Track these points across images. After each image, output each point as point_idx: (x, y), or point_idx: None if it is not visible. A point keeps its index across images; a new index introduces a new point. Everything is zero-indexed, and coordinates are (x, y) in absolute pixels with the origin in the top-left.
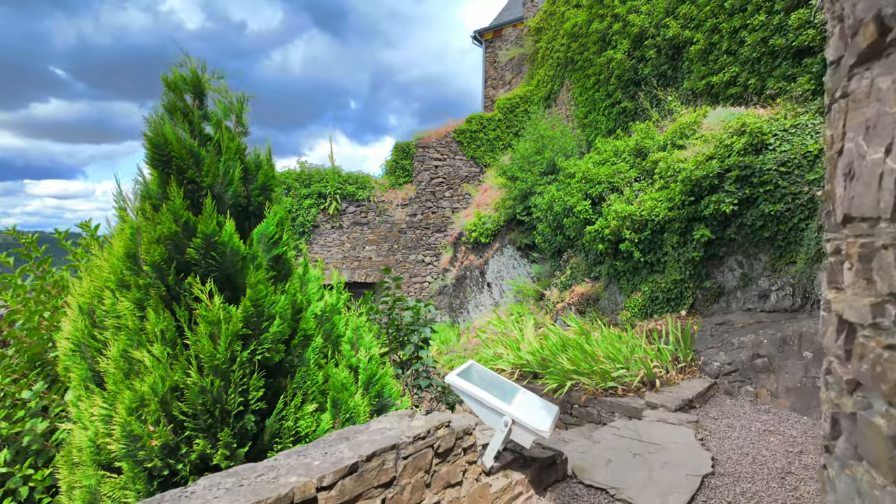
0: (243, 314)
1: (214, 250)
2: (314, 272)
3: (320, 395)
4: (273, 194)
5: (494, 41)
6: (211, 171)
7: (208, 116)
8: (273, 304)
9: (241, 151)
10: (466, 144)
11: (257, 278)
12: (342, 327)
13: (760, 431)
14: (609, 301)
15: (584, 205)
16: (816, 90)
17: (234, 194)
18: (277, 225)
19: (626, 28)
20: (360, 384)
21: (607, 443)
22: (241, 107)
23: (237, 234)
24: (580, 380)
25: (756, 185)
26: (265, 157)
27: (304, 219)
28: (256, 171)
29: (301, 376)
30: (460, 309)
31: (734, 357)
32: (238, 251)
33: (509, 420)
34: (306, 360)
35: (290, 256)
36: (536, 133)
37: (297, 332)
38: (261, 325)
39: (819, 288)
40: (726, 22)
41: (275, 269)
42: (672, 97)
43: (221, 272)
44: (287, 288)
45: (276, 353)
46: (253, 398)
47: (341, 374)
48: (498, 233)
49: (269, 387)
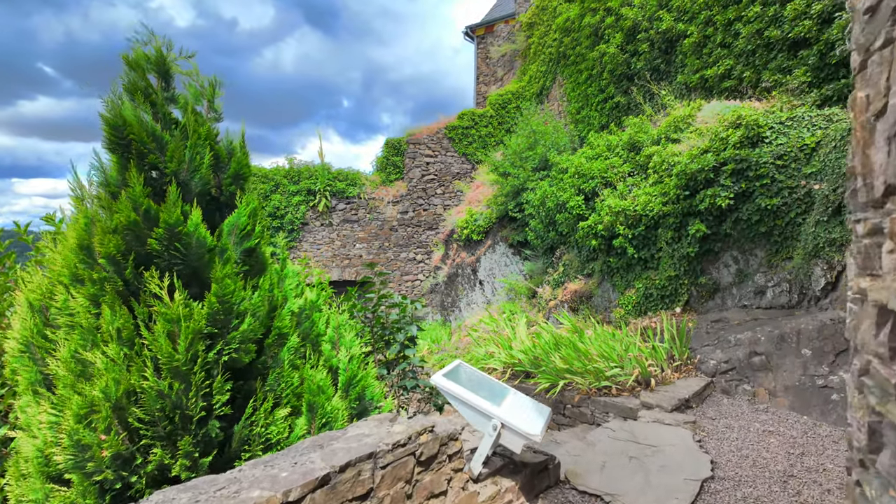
0: (208, 311)
1: (178, 242)
2: (293, 267)
3: (295, 398)
4: (247, 184)
5: (486, 37)
6: (175, 157)
7: (175, 99)
8: (243, 301)
9: (212, 137)
10: (458, 141)
11: (224, 272)
12: (322, 326)
13: (760, 432)
14: (602, 298)
15: (577, 200)
16: (812, 82)
17: (203, 182)
18: (250, 216)
19: (618, 22)
20: (340, 386)
21: (602, 445)
22: (214, 91)
23: (204, 225)
24: (573, 379)
25: (752, 178)
26: (238, 144)
27: (292, 216)
28: (229, 159)
29: (274, 378)
30: (452, 307)
31: (731, 355)
32: (204, 243)
33: (498, 424)
34: (280, 360)
35: (264, 250)
36: (529, 128)
37: (272, 331)
38: (229, 323)
39: (816, 284)
40: (720, 14)
41: (247, 264)
42: (666, 91)
43: (187, 266)
44: (261, 283)
45: (245, 354)
46: (217, 402)
47: (318, 376)
48: (490, 230)
49: (238, 390)
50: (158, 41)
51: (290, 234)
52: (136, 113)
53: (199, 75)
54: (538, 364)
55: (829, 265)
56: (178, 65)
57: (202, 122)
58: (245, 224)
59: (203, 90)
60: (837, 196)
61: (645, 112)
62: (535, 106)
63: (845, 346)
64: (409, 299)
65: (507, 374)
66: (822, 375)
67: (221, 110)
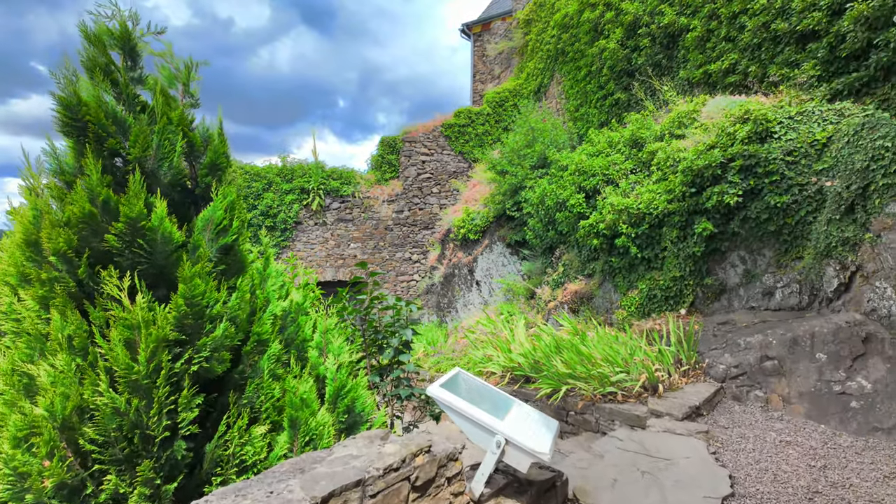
0: (175, 316)
1: (141, 237)
2: (277, 266)
3: (276, 412)
4: (225, 175)
5: (483, 35)
6: (140, 142)
7: (143, 80)
8: (216, 303)
9: (186, 123)
10: (454, 139)
11: (193, 271)
12: (309, 330)
13: (776, 442)
14: (604, 299)
15: (578, 198)
16: (822, 76)
17: (174, 172)
18: (227, 210)
19: (618, 17)
20: (327, 398)
21: (610, 457)
22: (189, 73)
23: (172, 219)
24: (576, 384)
25: (761, 175)
26: (216, 132)
27: (285, 215)
28: (205, 148)
29: (253, 390)
30: (448, 308)
31: (741, 359)
32: (171, 239)
33: (503, 440)
34: (260, 370)
35: (243, 247)
36: (527, 126)
37: (250, 337)
38: (200, 328)
39: (828, 285)
40: (725, 7)
41: (224, 262)
42: (667, 87)
43: (152, 265)
44: (239, 284)
45: (218, 363)
46: (183, 420)
47: (302, 388)
48: (487, 229)
49: (212, 403)
50: (123, 15)
51: (283, 233)
52: (95, 92)
53: (173, 56)
54: (539, 368)
55: (842, 265)
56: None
57: (175, 106)
58: (221, 219)
59: (178, 73)
60: (851, 193)
61: (646, 108)
62: (533, 103)
63: (863, 351)
64: (405, 301)
65: (505, 379)
66: (839, 381)
67: (198, 95)
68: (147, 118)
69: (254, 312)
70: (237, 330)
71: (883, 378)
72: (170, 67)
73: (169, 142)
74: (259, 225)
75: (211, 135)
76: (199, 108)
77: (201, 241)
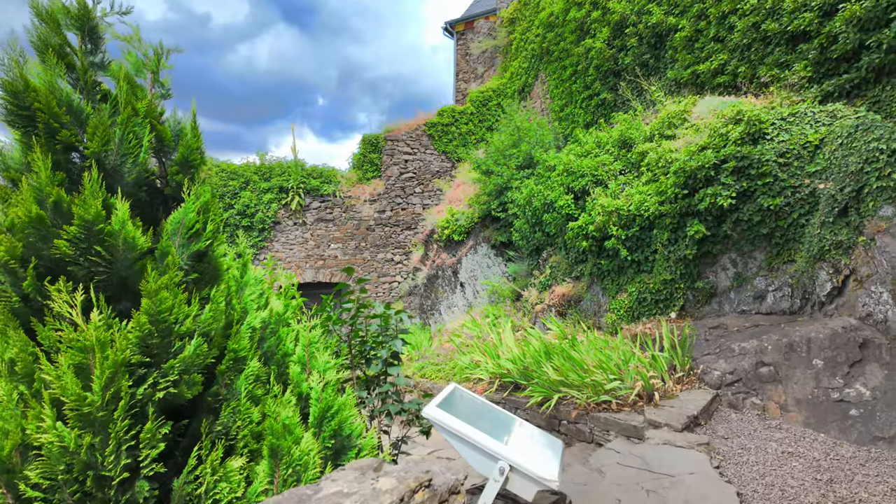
0: (137, 335)
1: (99, 243)
2: (256, 272)
3: (254, 440)
4: (199, 173)
5: (466, 33)
6: (99, 134)
7: (105, 66)
8: (187, 318)
9: (155, 115)
10: (438, 138)
11: (160, 283)
12: (290, 343)
13: (779, 454)
14: (592, 302)
15: (567, 199)
16: (813, 77)
17: (139, 169)
18: (201, 211)
19: (605, 16)
20: (312, 421)
21: (612, 474)
22: (159, 61)
23: (136, 222)
24: (569, 392)
25: (754, 177)
26: (189, 125)
27: (263, 214)
28: (176, 143)
29: (228, 415)
30: (432, 310)
31: (736, 365)
32: (135, 245)
33: (506, 466)
34: (237, 391)
35: (218, 253)
36: (512, 125)
37: (226, 354)
38: (168, 347)
39: (821, 289)
40: (714, 6)
41: (196, 270)
42: (655, 87)
43: (113, 275)
44: (213, 295)
45: (188, 387)
46: (146, 458)
47: (284, 412)
48: (472, 230)
49: (182, 431)
50: None
51: (260, 233)
52: (46, 77)
53: (140, 41)
54: (529, 375)
55: (835, 269)
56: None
57: (142, 95)
58: (194, 221)
59: (146, 60)
60: (844, 196)
61: (633, 109)
62: (518, 103)
63: (860, 357)
64: (395, 309)
65: (494, 386)
66: (837, 388)
67: (170, 85)
68: (109, 108)
69: (230, 326)
70: (211, 346)
71: (881, 385)
72: (137, 54)
73: (134, 135)
74: (236, 225)
75: (183, 128)
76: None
77: (171, 247)
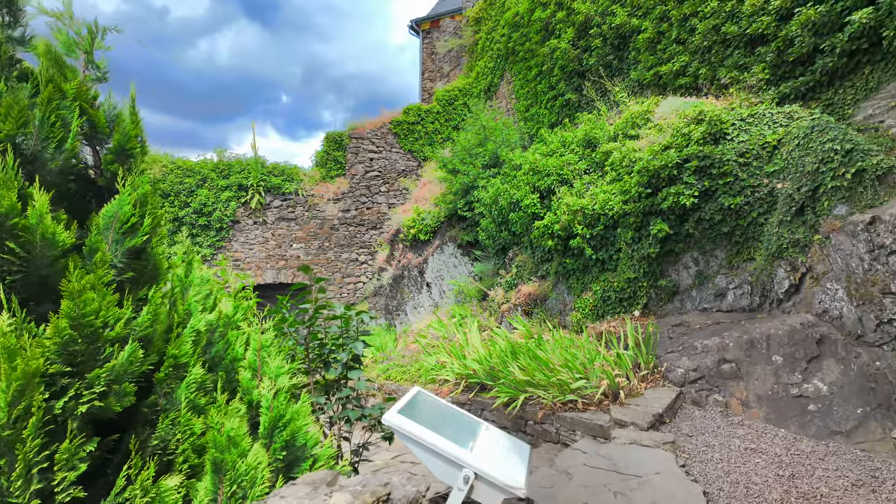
0: (56, 342)
1: (13, 239)
2: (202, 272)
3: (195, 454)
4: (136, 163)
5: (432, 32)
6: (13, 115)
7: (27, 42)
8: (117, 322)
9: (87, 98)
10: (404, 137)
11: (84, 283)
12: (240, 347)
13: (742, 450)
14: (557, 301)
15: (533, 198)
16: (770, 80)
17: (66, 156)
18: (138, 204)
19: (570, 16)
20: (262, 431)
21: (579, 476)
22: (94, 40)
23: (58, 215)
24: (536, 392)
25: (715, 176)
26: (128, 110)
27: (221, 213)
28: (111, 130)
29: (167, 427)
30: (397, 311)
31: (699, 362)
32: (55, 241)
33: (471, 474)
34: (177, 401)
35: (158, 250)
36: (478, 124)
37: (165, 361)
38: (96, 354)
39: (779, 286)
40: (676, 9)
41: (133, 269)
42: (619, 88)
43: (31, 273)
44: (151, 296)
45: (118, 399)
46: (63, 481)
47: (229, 423)
48: (438, 229)
49: (114, 448)
50: None
51: (218, 232)
52: None
53: (73, 18)
54: (495, 375)
55: (792, 267)
56: None
57: (72, 77)
58: (129, 215)
59: (79, 38)
60: (801, 195)
61: (598, 109)
62: (484, 103)
63: (817, 353)
64: (356, 310)
65: (460, 387)
66: (796, 384)
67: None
68: (30, 88)
69: (171, 329)
70: (149, 352)
71: (838, 380)
72: (68, 31)
73: (60, 119)
74: (193, 224)
75: (120, 114)
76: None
77: (101, 242)
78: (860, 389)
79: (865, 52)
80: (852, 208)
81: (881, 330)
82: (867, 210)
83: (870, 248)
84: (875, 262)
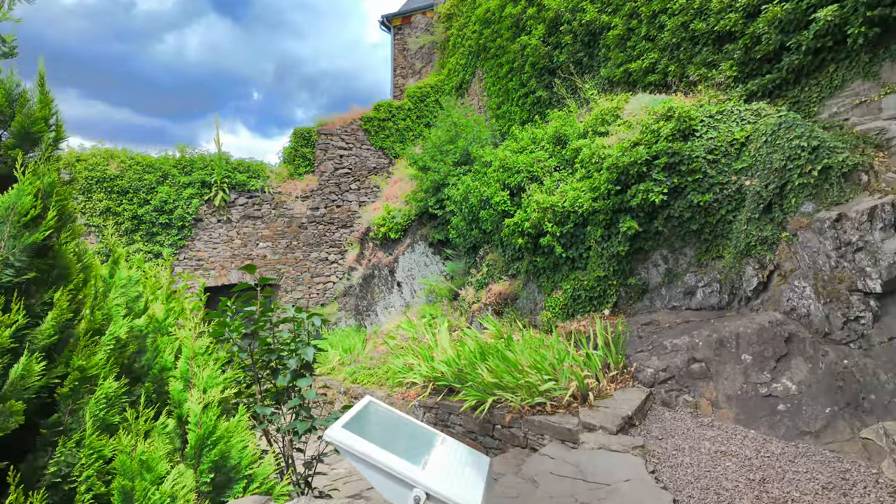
0: None
1: None
2: (128, 273)
3: (102, 482)
4: (42, 148)
5: (404, 28)
6: None
7: None
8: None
9: None
10: (374, 133)
11: None
12: (169, 356)
13: (712, 453)
14: (528, 300)
15: (503, 196)
16: (738, 77)
17: None
18: (41, 195)
19: (540, 13)
20: (188, 451)
21: (546, 485)
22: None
23: None
24: (504, 395)
25: (685, 173)
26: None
27: (183, 211)
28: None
29: (69, 451)
30: (367, 311)
31: (668, 362)
32: None
33: (422, 495)
34: (83, 420)
35: (67, 247)
36: (449, 121)
37: (70, 374)
38: None
39: (748, 284)
40: (645, 5)
41: (37, 269)
42: (589, 85)
43: None
44: (57, 300)
45: (5, 419)
46: None
47: (142, 445)
48: (409, 228)
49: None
50: None
51: (180, 230)
52: None
53: None
54: (463, 378)
55: (760, 264)
56: None
57: None
58: (29, 206)
59: None
60: (769, 192)
61: (568, 107)
62: (455, 99)
63: (786, 351)
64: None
65: (428, 390)
66: (765, 383)
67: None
68: None
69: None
70: (53, 364)
71: (806, 379)
72: None
73: None
74: (153, 222)
75: (23, 93)
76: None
77: None
78: (828, 388)
79: (830, 49)
80: (819, 205)
81: (848, 327)
82: (833, 207)
83: (836, 246)
84: (842, 259)
